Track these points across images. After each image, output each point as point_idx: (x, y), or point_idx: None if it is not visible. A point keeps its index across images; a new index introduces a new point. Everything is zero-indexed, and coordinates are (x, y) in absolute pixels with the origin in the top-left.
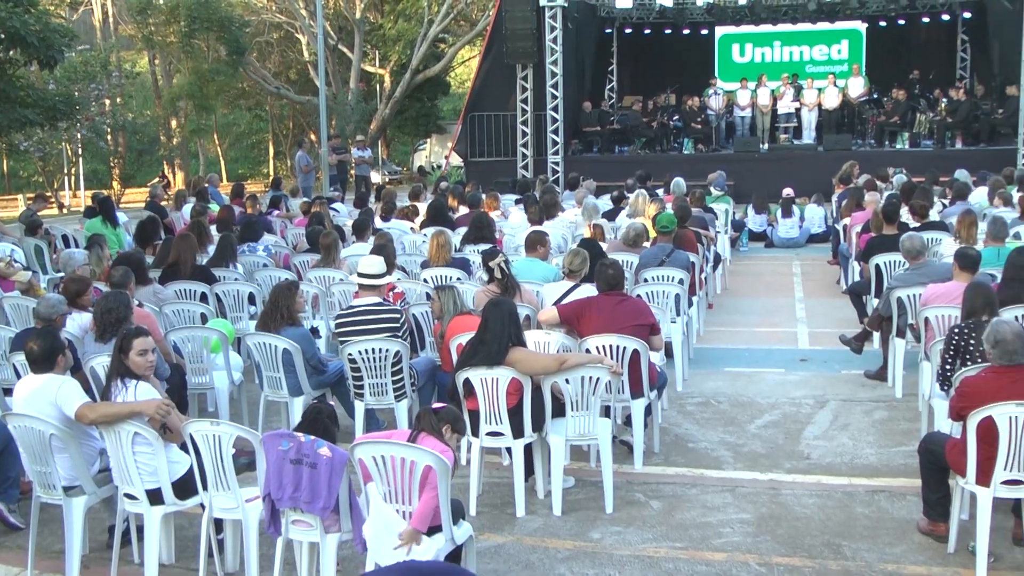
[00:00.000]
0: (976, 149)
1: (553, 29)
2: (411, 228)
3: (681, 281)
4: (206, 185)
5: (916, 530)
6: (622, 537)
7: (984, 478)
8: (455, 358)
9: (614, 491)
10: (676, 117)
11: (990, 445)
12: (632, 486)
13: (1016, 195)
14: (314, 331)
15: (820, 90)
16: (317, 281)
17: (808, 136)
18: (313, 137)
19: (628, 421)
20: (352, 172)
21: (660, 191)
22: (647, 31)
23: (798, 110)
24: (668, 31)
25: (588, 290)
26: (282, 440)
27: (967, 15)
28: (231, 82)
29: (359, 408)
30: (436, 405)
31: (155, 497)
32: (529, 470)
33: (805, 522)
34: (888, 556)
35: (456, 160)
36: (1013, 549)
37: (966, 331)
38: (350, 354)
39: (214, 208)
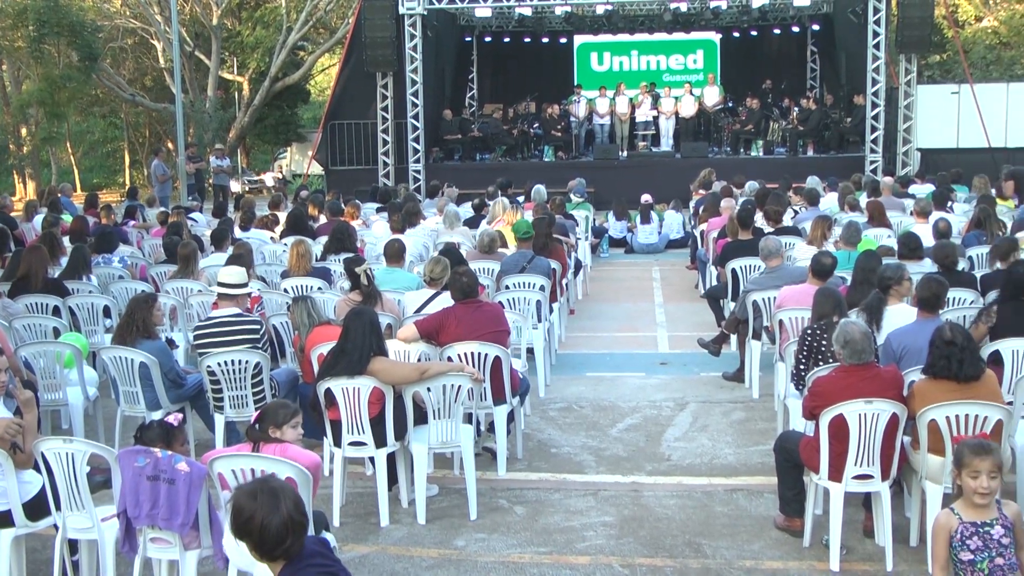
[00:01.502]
0: (827, 156)
1: (413, 37)
2: (271, 238)
3: (542, 287)
4: (58, 195)
5: (773, 526)
6: (486, 544)
7: (836, 474)
8: (316, 368)
9: (478, 498)
10: (536, 125)
11: (841, 442)
12: (496, 492)
13: (864, 200)
14: (171, 343)
15: (677, 99)
16: (175, 292)
17: (666, 144)
18: (170, 145)
19: (491, 428)
20: (210, 181)
21: (521, 198)
22: (507, 39)
23: (656, 118)
24: (527, 40)
25: (449, 298)
26: (138, 456)
27: (816, 27)
28: (84, 89)
29: (219, 421)
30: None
31: (4, 520)
32: (392, 479)
33: (666, 523)
34: (747, 553)
35: (317, 169)
36: (864, 541)
37: (818, 332)
38: (209, 366)
39: (67, 219)
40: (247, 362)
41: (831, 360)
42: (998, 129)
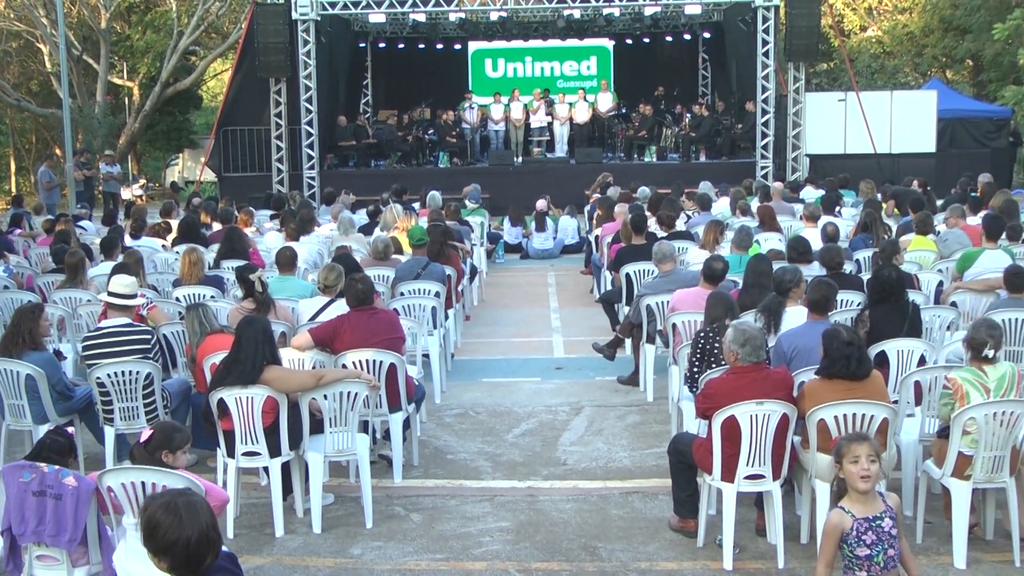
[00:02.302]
0: (718, 162)
1: (306, 43)
2: (163, 245)
3: (437, 294)
4: None
5: (668, 528)
6: (383, 552)
7: (729, 474)
8: (209, 378)
9: (374, 506)
10: (431, 131)
11: (733, 443)
12: (392, 500)
13: (755, 205)
14: (59, 354)
15: (571, 105)
16: (63, 302)
17: (560, 149)
18: (58, 152)
19: (387, 435)
20: (100, 188)
21: (416, 204)
22: (401, 46)
23: (550, 124)
24: (422, 46)
25: (344, 305)
26: (23, 471)
27: (707, 35)
28: None
29: (109, 434)
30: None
31: None
32: (287, 489)
33: (562, 527)
34: (642, 554)
35: (210, 175)
36: (756, 539)
37: (710, 335)
38: (99, 378)
39: None
40: (138, 373)
41: (723, 362)
42: (883, 135)
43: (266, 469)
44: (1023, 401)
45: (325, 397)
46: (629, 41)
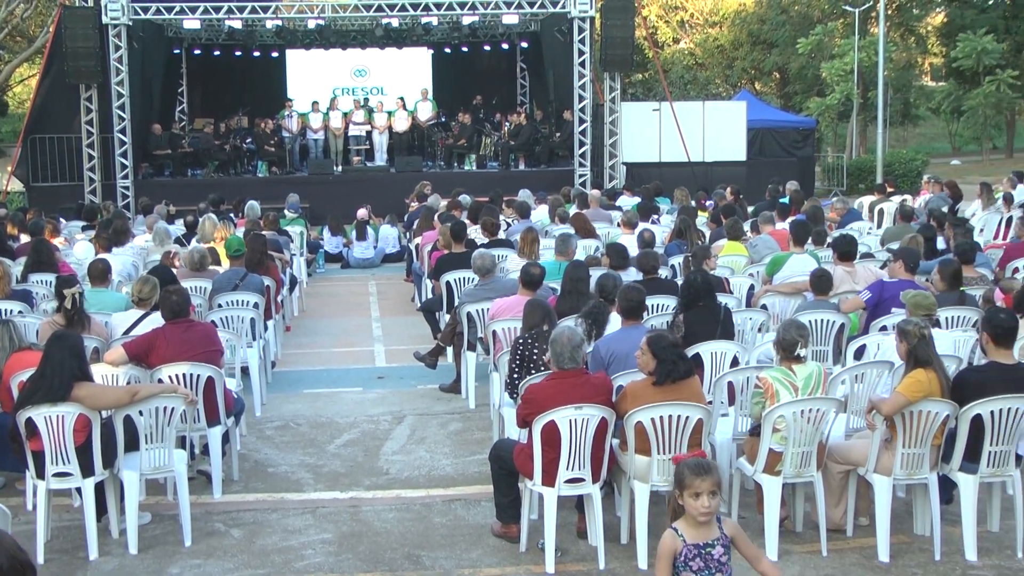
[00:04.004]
0: (537, 170)
1: (118, 48)
2: None
3: (256, 305)
4: None
5: (490, 533)
6: (202, 570)
7: (549, 479)
8: (16, 397)
9: (193, 523)
10: (249, 140)
11: (553, 447)
12: (212, 516)
13: (572, 211)
14: None
15: (390, 113)
16: None
17: (380, 158)
18: None
19: (205, 450)
20: None
21: (234, 214)
22: (217, 52)
23: (369, 133)
24: (238, 53)
25: (159, 318)
26: None
27: (525, 45)
28: None
29: None
30: None
31: None
32: (101, 509)
33: (385, 536)
34: (465, 561)
35: (17, 185)
36: (578, 542)
37: (529, 341)
38: None
39: None
40: None
41: (543, 368)
42: (696, 144)
43: (79, 490)
44: (829, 399)
45: (140, 413)
46: (448, 50)
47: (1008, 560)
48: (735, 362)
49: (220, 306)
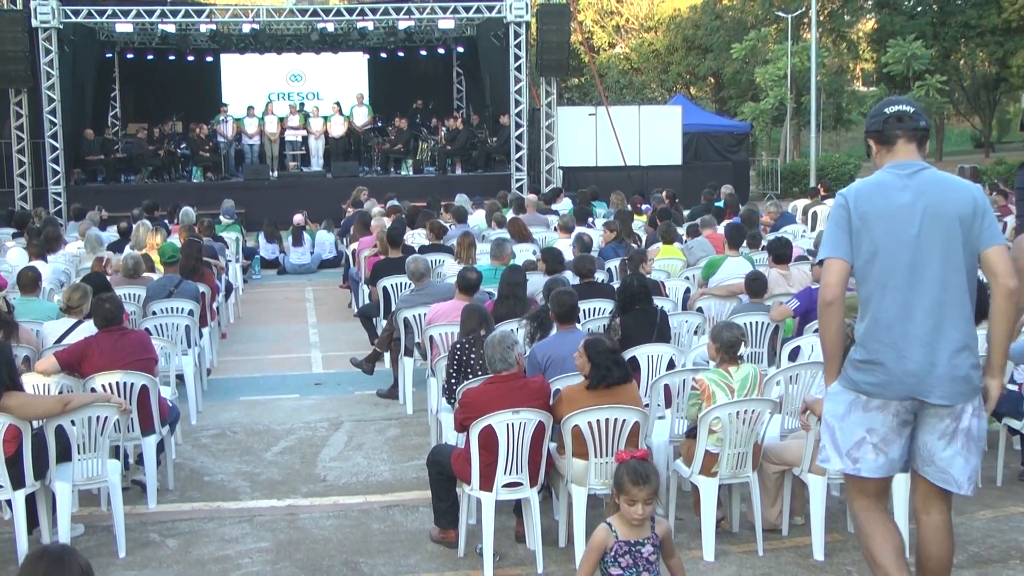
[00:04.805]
0: (474, 175)
1: (48, 52)
2: None
3: (191, 312)
4: None
5: (429, 539)
6: None
7: (487, 483)
8: None
9: (127, 534)
10: (184, 145)
11: (491, 452)
12: (146, 526)
13: (509, 216)
14: None
15: (326, 118)
16: None
17: (316, 163)
18: None
19: (140, 460)
20: None
21: (168, 221)
22: (150, 57)
23: (305, 138)
24: (172, 57)
25: (92, 327)
26: None
27: (461, 49)
28: None
29: None
30: None
31: None
32: (33, 522)
33: (323, 543)
34: (403, 567)
35: None
36: (516, 546)
37: (466, 346)
38: None
39: None
40: None
41: (480, 373)
42: (632, 149)
43: (9, 502)
44: (765, 400)
45: (73, 423)
46: (384, 55)
47: None
48: (671, 365)
49: (154, 313)
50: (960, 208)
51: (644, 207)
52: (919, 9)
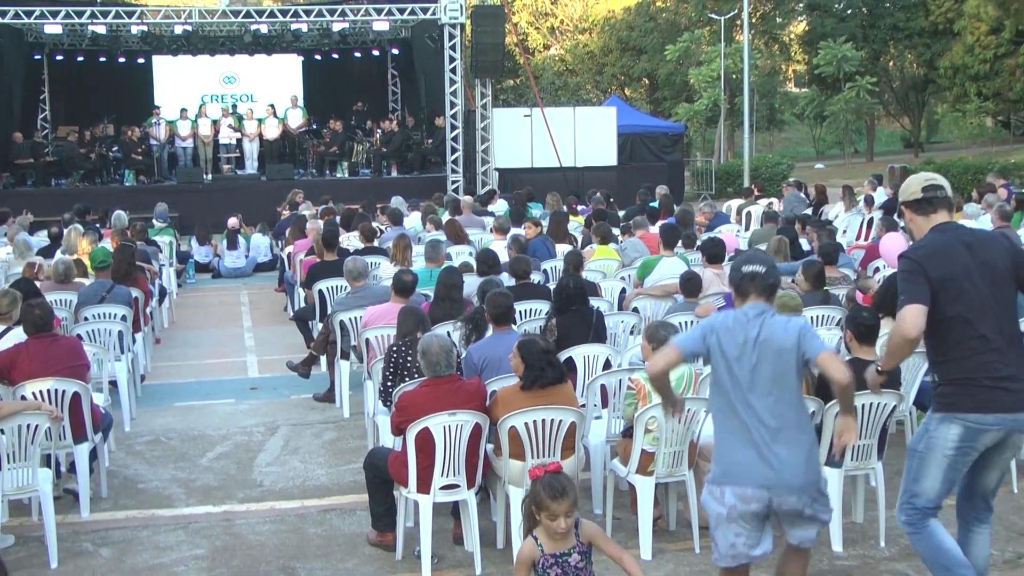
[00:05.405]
0: (410, 177)
1: None
2: None
3: (124, 317)
4: None
5: (366, 543)
6: None
7: (424, 486)
8: None
9: (59, 544)
10: (116, 148)
11: (428, 454)
12: (79, 536)
13: (444, 218)
14: None
15: (260, 121)
16: None
17: (251, 166)
18: None
19: (72, 468)
20: None
21: (99, 225)
22: (80, 58)
23: (239, 140)
24: (103, 59)
25: (22, 333)
26: None
27: (396, 51)
28: None
29: None
30: None
31: None
32: None
33: (259, 549)
34: (341, 571)
35: None
36: (454, 548)
37: (403, 349)
38: None
39: None
40: None
41: (416, 375)
42: (568, 150)
43: None
44: (700, 399)
45: (2, 432)
46: (318, 57)
47: (872, 550)
48: (607, 365)
49: (86, 319)
50: (788, 343)
51: (580, 208)
52: (849, 12)
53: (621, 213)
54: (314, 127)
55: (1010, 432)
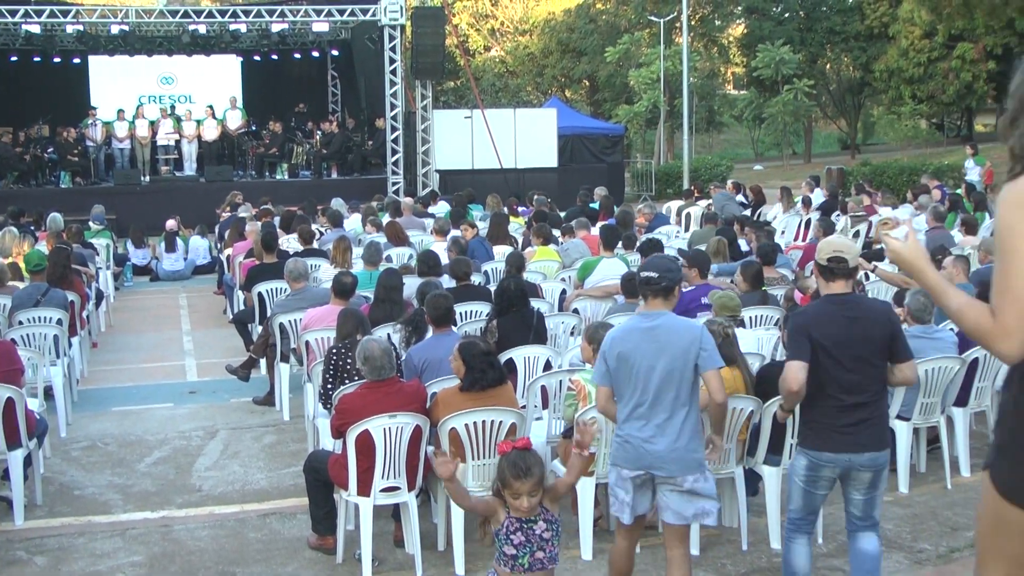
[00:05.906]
0: (350, 178)
1: None
2: None
3: (59, 321)
4: None
5: (307, 546)
6: None
7: (364, 488)
8: None
9: None
10: (51, 149)
11: (368, 457)
12: (13, 544)
13: (385, 219)
14: None
15: (199, 122)
16: None
17: (189, 168)
18: None
19: (5, 475)
20: None
21: (34, 227)
22: (14, 58)
23: (178, 142)
24: (38, 59)
25: None
26: None
27: (335, 53)
28: None
29: None
30: None
31: None
32: None
33: (199, 555)
34: (282, 575)
35: None
36: (395, 551)
37: (342, 351)
38: None
39: None
40: None
41: (356, 378)
42: (508, 151)
43: None
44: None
45: None
46: (257, 58)
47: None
48: (548, 366)
49: (21, 323)
50: (688, 344)
51: (520, 209)
52: (787, 15)
53: (562, 214)
54: (253, 128)
55: (847, 470)
